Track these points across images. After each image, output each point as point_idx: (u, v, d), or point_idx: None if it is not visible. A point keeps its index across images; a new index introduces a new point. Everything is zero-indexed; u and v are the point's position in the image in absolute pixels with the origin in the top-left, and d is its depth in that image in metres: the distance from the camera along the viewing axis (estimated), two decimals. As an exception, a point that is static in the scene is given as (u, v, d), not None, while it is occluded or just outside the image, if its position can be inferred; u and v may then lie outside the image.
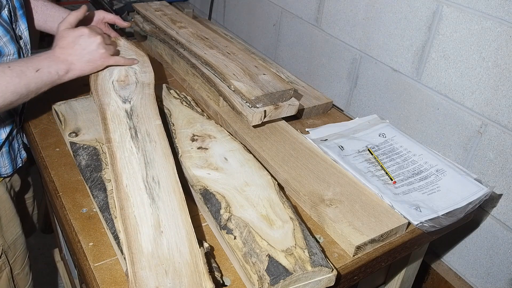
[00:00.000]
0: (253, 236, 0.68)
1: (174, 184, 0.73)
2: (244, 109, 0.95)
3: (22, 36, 0.94)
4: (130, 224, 0.66)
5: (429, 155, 0.96)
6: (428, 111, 1.06)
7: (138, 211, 0.68)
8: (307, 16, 1.37)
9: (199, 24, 1.32)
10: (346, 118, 1.15)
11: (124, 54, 1.05)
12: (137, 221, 0.66)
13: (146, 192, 0.71)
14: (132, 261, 0.61)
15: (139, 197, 0.70)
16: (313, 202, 0.81)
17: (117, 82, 0.95)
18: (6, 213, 0.99)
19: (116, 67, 0.99)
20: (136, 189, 0.71)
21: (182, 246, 0.63)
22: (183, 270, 0.61)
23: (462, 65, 0.97)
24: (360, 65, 1.22)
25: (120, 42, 1.10)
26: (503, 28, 0.87)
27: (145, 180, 0.73)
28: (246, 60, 1.09)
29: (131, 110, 0.88)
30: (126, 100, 0.90)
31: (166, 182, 0.73)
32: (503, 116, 0.92)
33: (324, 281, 0.66)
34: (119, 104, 0.89)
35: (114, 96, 0.91)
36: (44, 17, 1.07)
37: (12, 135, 0.97)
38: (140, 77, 0.98)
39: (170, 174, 0.74)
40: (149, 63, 1.04)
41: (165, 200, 0.70)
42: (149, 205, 0.69)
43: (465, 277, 1.09)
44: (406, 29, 1.06)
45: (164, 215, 0.68)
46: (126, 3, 1.66)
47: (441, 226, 0.81)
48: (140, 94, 0.92)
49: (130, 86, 0.95)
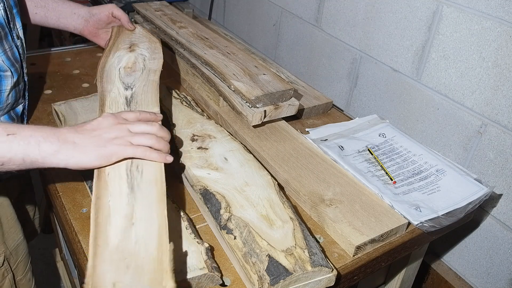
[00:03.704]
0: (253, 236, 0.68)
1: (157, 175, 0.68)
2: (244, 109, 0.95)
3: (20, 35, 0.92)
4: (103, 214, 0.62)
5: (429, 155, 0.96)
6: (428, 111, 1.06)
7: (113, 201, 0.64)
8: (307, 16, 1.37)
9: (199, 24, 1.32)
10: (346, 118, 1.15)
11: (138, 41, 1.04)
12: (110, 212, 0.62)
13: (127, 181, 0.66)
14: (95, 253, 0.56)
15: (118, 186, 0.66)
16: (313, 202, 0.81)
17: (124, 69, 0.94)
18: (8, 219, 0.98)
19: (127, 53, 0.97)
20: (117, 178, 0.67)
21: (151, 241, 0.59)
22: (145, 267, 0.56)
23: (462, 65, 0.97)
24: (360, 65, 1.22)
25: (136, 30, 1.10)
26: (503, 28, 0.87)
27: (129, 169, 0.68)
28: (246, 60, 1.09)
29: (131, 97, 0.85)
30: (129, 87, 0.88)
31: (150, 171, 0.68)
32: (503, 116, 0.92)
33: (324, 281, 0.66)
34: (120, 91, 0.87)
35: (118, 83, 0.89)
36: (57, 14, 1.05)
37: None
38: (148, 63, 0.97)
39: (156, 163, 0.70)
40: (160, 49, 1.03)
41: (144, 190, 0.66)
42: (126, 195, 0.64)
43: (465, 277, 1.09)
44: (406, 29, 1.06)
45: (140, 206, 0.63)
46: (126, 3, 1.66)
47: (441, 226, 0.81)
48: (144, 81, 0.91)
49: (136, 73, 0.93)
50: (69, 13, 1.05)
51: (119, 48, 1.04)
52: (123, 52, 1.02)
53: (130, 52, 1.02)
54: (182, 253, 0.66)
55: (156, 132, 0.70)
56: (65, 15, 1.05)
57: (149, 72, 0.93)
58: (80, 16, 1.08)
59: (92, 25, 1.09)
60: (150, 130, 0.70)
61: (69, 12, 1.06)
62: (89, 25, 1.09)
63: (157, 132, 0.71)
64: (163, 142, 0.71)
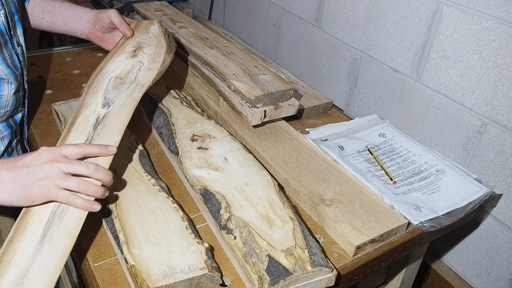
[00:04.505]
0: (253, 236, 0.68)
1: (74, 225, 0.64)
2: (244, 109, 0.95)
3: (20, 43, 0.90)
4: (6, 260, 0.59)
5: (429, 155, 0.96)
6: (428, 111, 1.06)
7: (21, 249, 0.61)
8: (307, 16, 1.37)
9: (199, 24, 1.32)
10: (346, 118, 1.15)
11: (146, 44, 0.96)
12: (12, 261, 0.59)
13: (44, 227, 0.63)
14: None
15: (33, 232, 0.63)
16: (313, 202, 0.81)
17: (115, 79, 0.87)
18: (7, 226, 0.96)
19: (127, 59, 0.90)
20: (37, 222, 0.64)
21: None
22: None
23: (462, 65, 0.97)
24: (360, 65, 1.22)
25: (151, 28, 1.01)
26: (503, 28, 0.87)
27: (54, 212, 0.65)
28: (246, 60, 1.09)
29: (103, 117, 0.78)
30: (107, 103, 0.81)
31: (70, 219, 0.65)
32: (503, 116, 0.92)
33: (324, 281, 0.66)
34: (97, 108, 0.80)
35: (100, 97, 0.83)
36: (63, 19, 1.03)
37: (12, 146, 0.94)
38: (141, 75, 0.88)
39: (80, 210, 0.66)
40: (162, 56, 0.92)
41: (53, 243, 0.62)
42: (34, 245, 0.61)
43: (465, 277, 1.09)
44: (406, 29, 1.06)
45: (37, 264, 0.60)
46: (126, 3, 1.66)
47: (441, 226, 0.81)
48: (125, 98, 0.82)
49: (124, 86, 0.85)
50: (76, 17, 1.02)
51: (124, 50, 0.97)
52: (124, 57, 0.94)
53: (132, 58, 0.93)
54: (182, 254, 0.66)
55: (91, 174, 0.66)
56: (72, 19, 1.03)
57: (135, 87, 0.85)
58: (87, 20, 1.03)
59: (98, 30, 1.04)
60: (84, 172, 0.65)
61: (76, 16, 1.02)
62: (95, 30, 1.04)
63: (92, 175, 0.66)
64: (93, 188, 0.66)
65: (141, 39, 1.00)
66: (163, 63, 0.91)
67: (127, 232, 0.69)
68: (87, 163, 0.66)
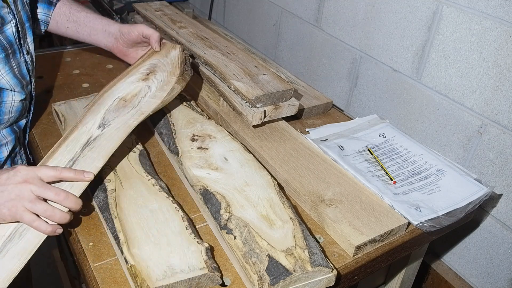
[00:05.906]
0: (253, 236, 0.68)
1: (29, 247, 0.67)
2: (244, 109, 0.95)
3: (30, 51, 0.90)
4: None
5: (429, 155, 0.96)
6: (428, 111, 1.06)
7: None
8: (307, 16, 1.37)
9: (199, 24, 1.32)
10: (346, 118, 1.15)
11: (161, 68, 0.93)
12: None
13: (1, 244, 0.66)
14: None
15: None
16: (313, 202, 0.81)
17: (120, 100, 0.86)
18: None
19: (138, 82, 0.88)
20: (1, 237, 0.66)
21: None
22: None
23: (462, 65, 0.97)
24: (360, 65, 1.22)
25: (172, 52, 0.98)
26: (503, 28, 0.87)
27: (17, 229, 0.67)
28: (246, 60, 1.09)
29: (95, 139, 0.78)
30: (103, 125, 0.80)
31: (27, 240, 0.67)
32: (503, 116, 0.92)
33: (324, 281, 0.66)
34: (93, 128, 0.80)
35: (99, 117, 0.82)
36: (88, 30, 1.04)
37: (15, 152, 0.94)
38: (144, 102, 0.86)
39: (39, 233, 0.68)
40: (171, 86, 0.88)
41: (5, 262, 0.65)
42: None
43: (465, 277, 1.09)
44: (406, 29, 1.06)
45: None
46: (126, 3, 1.66)
47: (441, 226, 0.81)
48: (122, 123, 0.81)
49: (126, 109, 0.84)
50: (100, 30, 1.03)
51: (138, 71, 0.94)
52: (135, 78, 0.91)
53: (142, 81, 0.90)
54: (182, 254, 0.66)
55: (60, 202, 0.67)
56: (96, 31, 1.03)
57: (135, 113, 0.83)
58: (110, 34, 1.03)
59: (121, 44, 1.03)
60: (54, 199, 0.67)
61: (100, 29, 1.03)
62: (118, 44, 1.04)
63: (62, 202, 0.67)
64: (59, 215, 0.67)
65: (158, 62, 0.97)
66: (170, 92, 0.88)
67: (127, 232, 0.69)
68: (58, 190, 0.67)
